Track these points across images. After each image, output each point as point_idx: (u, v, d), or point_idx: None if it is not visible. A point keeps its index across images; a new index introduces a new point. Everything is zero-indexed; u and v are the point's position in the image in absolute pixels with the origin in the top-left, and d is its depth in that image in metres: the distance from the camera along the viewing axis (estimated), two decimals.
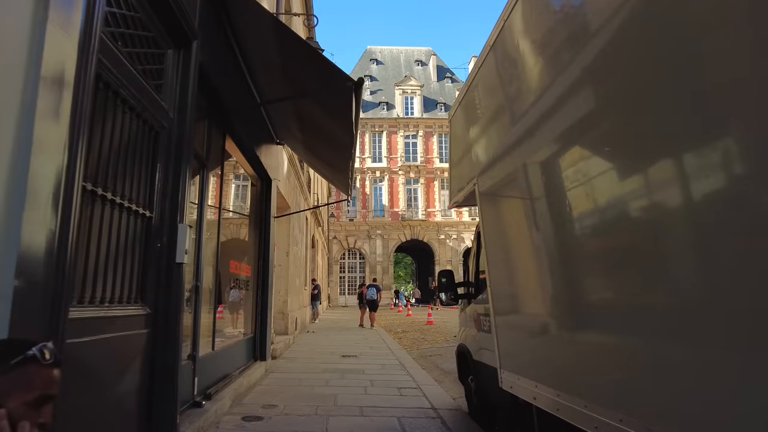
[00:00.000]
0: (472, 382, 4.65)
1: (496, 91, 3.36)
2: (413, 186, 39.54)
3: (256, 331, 6.75)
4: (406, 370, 7.20)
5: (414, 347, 11.08)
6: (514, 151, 2.93)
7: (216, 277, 4.84)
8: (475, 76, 3.73)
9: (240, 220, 6.57)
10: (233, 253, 5.93)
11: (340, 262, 38.39)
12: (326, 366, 7.44)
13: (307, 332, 13.63)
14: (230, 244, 5.84)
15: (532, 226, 2.82)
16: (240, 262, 6.20)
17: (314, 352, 9.23)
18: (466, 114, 4.11)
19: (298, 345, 10.35)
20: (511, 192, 3.14)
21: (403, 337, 13.56)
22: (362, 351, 9.49)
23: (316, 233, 21.19)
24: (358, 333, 13.65)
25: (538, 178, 2.66)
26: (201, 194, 4.27)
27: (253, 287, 6.76)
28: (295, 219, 12.29)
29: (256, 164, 6.55)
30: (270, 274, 7.18)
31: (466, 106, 4.12)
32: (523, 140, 2.75)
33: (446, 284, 4.83)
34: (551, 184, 2.51)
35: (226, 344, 5.48)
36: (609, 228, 1.99)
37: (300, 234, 13.79)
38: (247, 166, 6.30)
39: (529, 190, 2.79)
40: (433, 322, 17.81)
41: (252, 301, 6.75)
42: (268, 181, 7.15)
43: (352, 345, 10.57)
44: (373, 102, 41.12)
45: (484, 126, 3.65)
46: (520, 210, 3.04)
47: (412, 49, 47.65)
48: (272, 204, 7.22)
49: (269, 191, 7.14)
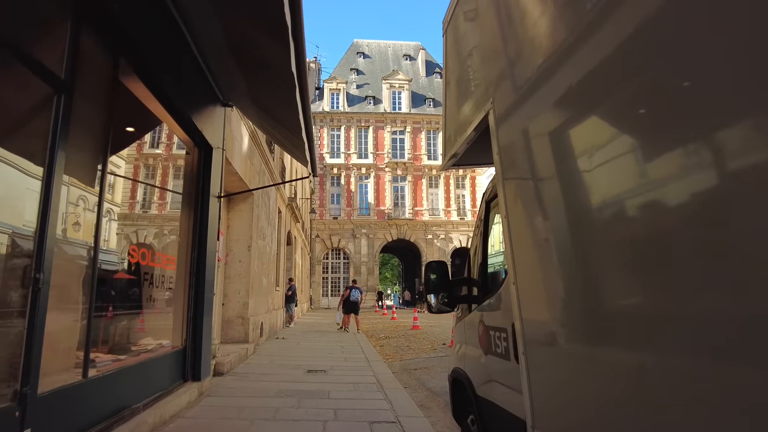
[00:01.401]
0: (474, 426, 3.13)
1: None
2: (400, 184, 38.05)
3: (187, 342, 5.15)
4: (384, 392, 5.66)
5: (396, 357, 9.55)
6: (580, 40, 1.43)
7: (92, 268, 3.24)
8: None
9: (162, 194, 4.98)
10: (141, 238, 4.35)
11: (323, 262, 36.73)
12: (283, 386, 5.86)
13: (276, 338, 12.01)
14: (137, 224, 4.26)
15: (617, 179, 1.33)
16: (153, 250, 4.60)
17: (275, 366, 7.63)
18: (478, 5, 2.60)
19: (258, 356, 8.74)
20: (565, 116, 1.63)
21: (385, 344, 12.01)
22: (334, 363, 7.92)
23: (293, 229, 19.56)
24: (334, 339, 12.07)
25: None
26: (54, 132, 2.69)
27: (183, 285, 5.17)
28: (261, 208, 10.69)
29: (187, 124, 4.97)
30: (211, 268, 5.59)
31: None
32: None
33: (436, 282, 3.27)
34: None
35: (126, 363, 3.88)
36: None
37: (269, 227, 12.18)
38: (172, 123, 4.72)
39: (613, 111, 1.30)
40: (419, 326, 16.29)
41: (182, 304, 5.15)
42: (206, 149, 5.56)
43: (324, 355, 8.99)
44: (359, 96, 39.58)
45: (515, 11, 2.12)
46: (585, 152, 1.53)
47: (401, 43, 46.24)
48: (213, 179, 5.64)
49: (208, 162, 5.55)
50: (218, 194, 5.83)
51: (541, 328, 1.88)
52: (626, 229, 1.32)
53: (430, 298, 3.28)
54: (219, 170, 5.90)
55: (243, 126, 8.44)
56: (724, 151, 1.01)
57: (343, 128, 38.05)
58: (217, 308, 8.86)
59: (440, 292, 3.30)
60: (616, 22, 1.29)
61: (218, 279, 6.61)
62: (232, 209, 9.52)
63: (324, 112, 37.96)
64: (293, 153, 6.07)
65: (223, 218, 9.28)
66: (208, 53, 4.96)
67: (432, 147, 38.91)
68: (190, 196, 5.37)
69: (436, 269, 3.28)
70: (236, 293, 9.24)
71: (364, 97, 39.48)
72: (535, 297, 1.90)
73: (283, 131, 5.66)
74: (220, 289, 9.01)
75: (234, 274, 9.29)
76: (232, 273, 9.29)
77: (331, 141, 37.96)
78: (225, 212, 9.34)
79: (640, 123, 1.26)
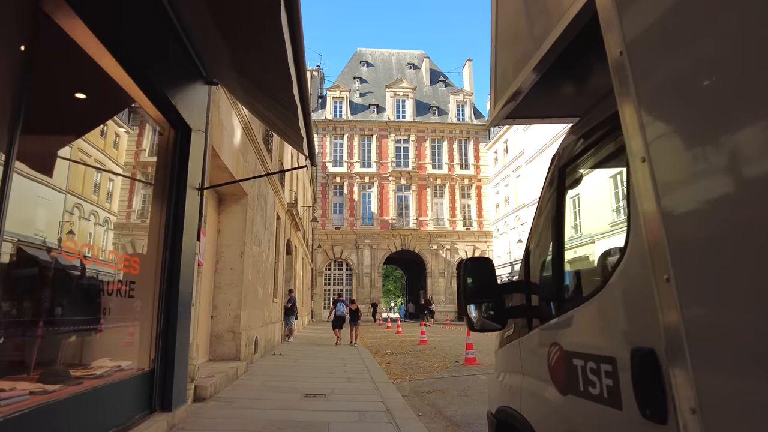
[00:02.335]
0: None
1: None
2: (404, 193, 37.18)
3: (156, 364, 4.20)
4: (395, 424, 4.67)
5: (405, 377, 8.53)
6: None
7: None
8: None
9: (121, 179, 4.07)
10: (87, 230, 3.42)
11: (325, 273, 35.72)
12: (274, 416, 4.88)
13: (273, 354, 11.00)
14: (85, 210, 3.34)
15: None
16: (104, 247, 3.67)
17: (268, 389, 6.64)
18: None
19: (251, 376, 7.75)
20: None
21: (392, 361, 10.98)
22: (335, 385, 6.92)
23: (294, 238, 18.63)
24: (336, 356, 11.06)
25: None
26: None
27: (152, 294, 4.23)
28: (257, 212, 9.78)
29: (158, 97, 4.08)
30: (189, 274, 4.66)
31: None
32: None
33: (477, 287, 2.31)
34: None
35: (58, 396, 2.92)
36: None
37: (266, 233, 11.25)
38: (136, 92, 3.81)
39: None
40: (426, 341, 15.24)
41: (150, 316, 4.21)
42: (184, 130, 4.66)
43: (325, 375, 7.99)
44: (362, 104, 38.92)
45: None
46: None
47: (404, 52, 45.74)
48: (193, 167, 4.73)
49: (186, 146, 4.65)
50: (199, 186, 4.92)
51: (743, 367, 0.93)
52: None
53: (470, 310, 2.32)
54: (200, 157, 5.00)
55: (235, 116, 7.57)
56: None
57: (346, 137, 37.31)
58: (203, 321, 7.90)
59: (483, 301, 2.35)
60: None
61: (200, 287, 5.67)
62: (223, 211, 8.61)
63: (327, 121, 37.28)
64: (290, 139, 5.17)
65: (213, 220, 8.38)
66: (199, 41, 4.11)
67: (436, 156, 38.10)
68: (163, 186, 4.46)
69: (475, 269, 2.32)
70: (227, 305, 8.29)
71: (367, 106, 38.81)
72: (731, 311, 0.96)
73: (277, 110, 4.77)
74: (208, 300, 8.06)
75: (224, 283, 8.34)
76: (222, 282, 8.35)
77: (333, 150, 37.21)
78: (215, 214, 8.43)
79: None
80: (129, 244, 4.11)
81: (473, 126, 38.84)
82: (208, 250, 8.11)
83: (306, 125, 4.75)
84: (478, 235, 37.01)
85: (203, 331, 7.94)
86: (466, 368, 9.49)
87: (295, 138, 4.99)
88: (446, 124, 38.43)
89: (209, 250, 8.17)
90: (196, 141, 4.86)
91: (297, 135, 4.81)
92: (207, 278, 8.05)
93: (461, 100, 39.67)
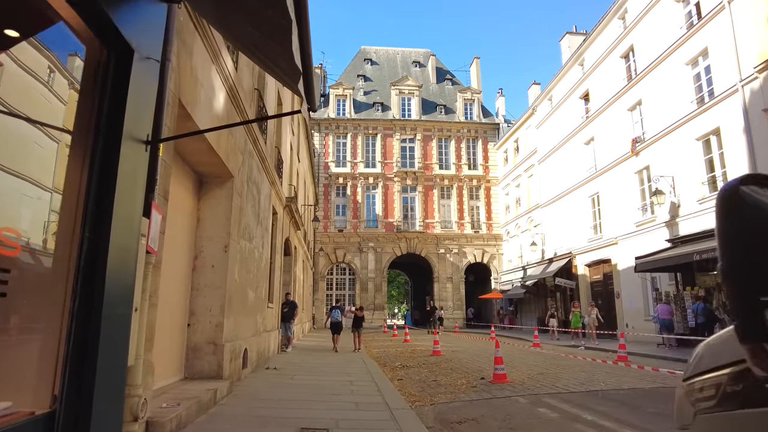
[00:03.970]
0: None
1: None
2: (410, 194, 35.66)
3: (61, 403, 2.67)
4: None
5: (425, 399, 6.97)
6: None
7: None
8: None
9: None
10: None
11: (327, 278, 34.18)
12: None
13: (267, 369, 9.47)
14: None
15: None
16: None
17: (252, 421, 5.10)
18: None
19: (234, 399, 6.21)
20: None
21: (405, 377, 9.40)
22: (339, 414, 5.38)
23: (293, 238, 17.13)
24: (339, 370, 9.50)
25: None
26: None
27: (57, 291, 2.72)
28: (247, 200, 8.29)
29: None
30: (126, 264, 3.16)
31: None
32: None
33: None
34: None
35: None
36: None
37: (259, 227, 9.75)
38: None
39: None
40: (440, 352, 13.66)
41: (53, 328, 2.70)
42: (123, 52, 3.16)
43: (327, 398, 6.45)
44: (366, 103, 37.52)
45: None
46: None
47: (410, 50, 44.42)
48: (135, 109, 3.23)
49: (126, 77, 3.15)
50: (147, 137, 3.42)
51: None
52: None
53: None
54: (151, 97, 3.51)
55: (216, 73, 6.10)
56: None
57: (349, 136, 35.88)
58: (177, 331, 6.38)
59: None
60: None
61: (154, 285, 4.18)
62: (204, 196, 7.12)
63: (329, 119, 35.89)
64: (280, 74, 3.67)
65: (190, 207, 6.87)
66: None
67: (444, 155, 36.61)
68: (86, 133, 2.96)
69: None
70: (206, 310, 6.77)
71: (371, 104, 37.41)
72: None
73: (264, 32, 3.28)
74: (183, 305, 6.56)
75: (204, 284, 6.83)
76: (201, 283, 6.84)
77: (336, 149, 35.77)
78: (193, 199, 6.94)
79: None
80: (24, 217, 2.59)
81: (482, 125, 37.38)
82: (184, 243, 6.60)
83: (302, 50, 3.27)
84: (488, 238, 35.44)
85: (177, 343, 6.43)
86: (496, 387, 7.93)
87: (290, 72, 3.50)
88: (454, 123, 36.96)
89: (186, 243, 6.67)
90: (144, 72, 3.36)
91: (292, 68, 3.32)
92: (182, 278, 6.54)
93: (469, 98, 38.23)
